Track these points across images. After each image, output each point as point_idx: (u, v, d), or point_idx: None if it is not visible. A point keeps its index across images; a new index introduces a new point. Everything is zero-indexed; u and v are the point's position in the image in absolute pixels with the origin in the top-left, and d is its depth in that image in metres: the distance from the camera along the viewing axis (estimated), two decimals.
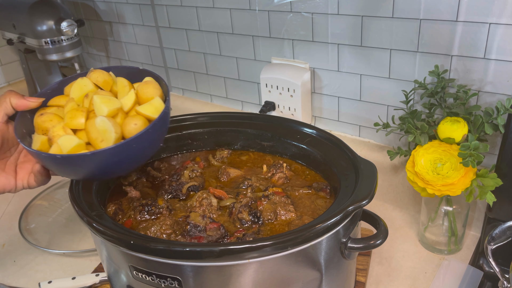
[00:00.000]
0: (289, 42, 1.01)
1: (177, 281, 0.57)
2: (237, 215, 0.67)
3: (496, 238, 0.68)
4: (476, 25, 0.76)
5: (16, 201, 1.10)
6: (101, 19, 1.39)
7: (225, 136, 0.86)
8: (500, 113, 0.71)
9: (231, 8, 1.06)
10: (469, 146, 0.71)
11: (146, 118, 0.63)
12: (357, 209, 0.59)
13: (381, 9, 0.84)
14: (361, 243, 0.61)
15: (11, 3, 1.27)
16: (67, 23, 1.19)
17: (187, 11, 1.15)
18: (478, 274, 0.78)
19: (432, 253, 0.86)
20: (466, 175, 0.73)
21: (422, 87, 0.82)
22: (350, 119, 1.01)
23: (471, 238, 0.89)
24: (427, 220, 0.85)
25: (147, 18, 1.26)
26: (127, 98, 0.65)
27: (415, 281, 0.81)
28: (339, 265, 0.64)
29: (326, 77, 0.99)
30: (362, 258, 0.83)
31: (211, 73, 1.21)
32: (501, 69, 0.77)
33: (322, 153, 0.75)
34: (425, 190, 0.76)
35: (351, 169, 0.69)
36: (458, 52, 0.80)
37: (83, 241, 0.95)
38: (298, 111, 1.03)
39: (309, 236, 0.56)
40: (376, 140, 0.99)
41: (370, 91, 0.94)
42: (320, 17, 0.93)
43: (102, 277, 0.82)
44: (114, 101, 0.63)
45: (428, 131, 0.77)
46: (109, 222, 0.62)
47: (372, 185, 0.62)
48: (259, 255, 0.54)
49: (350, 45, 0.92)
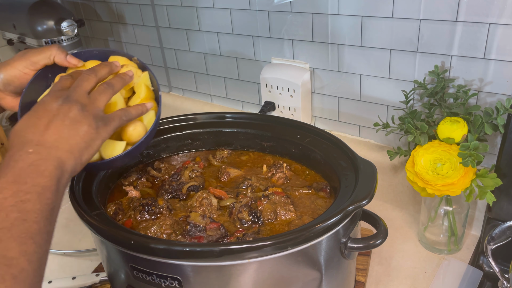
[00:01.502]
0: (289, 42, 1.01)
1: (177, 281, 0.57)
2: (237, 215, 0.67)
3: (496, 238, 0.68)
4: (476, 25, 0.76)
5: None
6: (101, 19, 1.39)
7: (225, 136, 0.86)
8: (500, 113, 0.71)
9: (231, 8, 1.06)
10: (469, 146, 0.71)
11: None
12: (357, 209, 0.59)
13: (381, 9, 0.84)
14: (361, 243, 0.61)
15: (11, 3, 1.27)
16: (67, 23, 1.19)
17: (187, 11, 1.15)
18: (478, 274, 0.78)
19: (432, 253, 0.86)
20: (466, 175, 0.73)
21: (422, 87, 0.82)
22: (350, 119, 1.01)
23: (471, 238, 0.89)
24: (427, 220, 0.85)
25: (147, 18, 1.26)
26: None
27: (415, 281, 0.81)
28: (339, 265, 0.64)
29: (326, 77, 1.00)
30: (362, 258, 0.83)
31: (211, 73, 1.21)
32: (501, 69, 0.77)
33: (322, 153, 0.76)
34: (425, 190, 0.76)
35: (351, 169, 0.69)
36: (458, 52, 0.80)
37: (83, 241, 0.95)
38: (298, 111, 1.03)
39: (309, 236, 0.56)
40: (376, 140, 0.99)
41: (370, 91, 0.94)
42: (320, 17, 0.93)
43: (102, 277, 0.82)
44: None
45: (428, 131, 0.77)
46: (109, 222, 0.62)
47: (372, 185, 0.62)
48: (259, 255, 0.55)
49: (350, 45, 0.92)
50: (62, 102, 0.56)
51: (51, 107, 0.55)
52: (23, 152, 0.51)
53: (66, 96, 0.57)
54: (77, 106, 0.56)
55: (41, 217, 0.47)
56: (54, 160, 0.51)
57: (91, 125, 0.56)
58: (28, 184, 0.48)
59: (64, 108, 0.55)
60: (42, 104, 0.57)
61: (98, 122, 0.57)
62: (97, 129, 0.56)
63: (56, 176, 0.51)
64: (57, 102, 0.56)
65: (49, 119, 0.54)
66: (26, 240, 0.45)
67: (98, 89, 0.60)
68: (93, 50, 0.72)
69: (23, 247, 0.44)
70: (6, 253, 0.43)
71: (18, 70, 0.68)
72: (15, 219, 0.45)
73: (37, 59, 0.68)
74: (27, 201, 0.47)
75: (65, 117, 0.55)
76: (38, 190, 0.48)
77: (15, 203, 0.46)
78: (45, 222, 0.47)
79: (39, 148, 0.52)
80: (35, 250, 0.45)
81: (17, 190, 0.47)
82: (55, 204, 0.50)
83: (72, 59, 0.69)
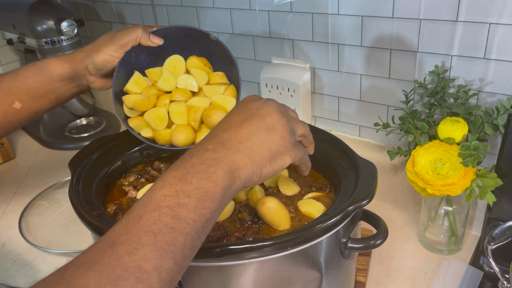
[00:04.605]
0: (289, 42, 1.01)
1: None
2: (237, 215, 0.67)
3: (496, 238, 0.68)
4: (476, 25, 0.76)
5: (16, 201, 1.10)
6: (101, 19, 1.39)
7: None
8: (500, 113, 0.71)
9: (231, 8, 1.06)
10: (469, 146, 0.71)
11: None
12: (357, 209, 0.59)
13: (381, 9, 0.84)
14: (361, 243, 0.61)
15: (11, 3, 1.27)
16: (67, 23, 1.19)
17: (187, 11, 1.15)
18: (478, 274, 0.78)
19: (432, 253, 0.86)
20: (466, 175, 0.73)
21: (422, 87, 0.82)
22: (350, 119, 1.01)
23: (471, 238, 0.89)
24: (427, 220, 0.85)
25: (147, 18, 1.26)
26: None
27: (415, 281, 0.81)
28: (339, 265, 0.64)
29: (326, 77, 0.99)
30: (362, 258, 0.83)
31: None
32: (501, 69, 0.77)
33: (322, 153, 0.75)
34: (425, 190, 0.76)
35: (351, 169, 0.69)
36: (458, 52, 0.80)
37: (83, 241, 0.95)
38: (298, 111, 1.03)
39: (309, 236, 0.56)
40: (376, 140, 0.99)
41: (370, 91, 0.94)
42: (320, 17, 0.93)
43: None
44: None
45: (428, 131, 0.77)
46: (109, 222, 0.62)
47: (372, 185, 0.62)
48: (259, 255, 0.54)
49: (350, 45, 0.92)
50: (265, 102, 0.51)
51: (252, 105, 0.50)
52: (202, 147, 0.46)
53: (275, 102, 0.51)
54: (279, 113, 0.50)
55: (191, 229, 0.41)
56: (228, 163, 0.45)
57: (284, 137, 0.49)
58: (192, 186, 0.42)
59: (265, 109, 0.50)
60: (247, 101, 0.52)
61: (292, 138, 0.50)
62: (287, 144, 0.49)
63: (224, 183, 0.44)
64: (260, 101, 0.51)
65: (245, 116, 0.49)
66: (167, 254, 0.39)
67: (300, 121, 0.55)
68: (171, 27, 0.75)
69: (160, 262, 0.39)
70: (142, 264, 0.38)
71: (108, 55, 0.71)
72: (165, 225, 0.40)
73: (125, 42, 0.71)
74: (183, 206, 0.41)
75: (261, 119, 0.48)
76: (199, 196, 0.42)
77: (171, 205, 0.41)
78: (193, 236, 0.41)
79: (218, 146, 0.46)
80: (171, 268, 0.39)
81: (180, 190, 0.42)
82: (212, 216, 0.43)
83: (155, 39, 0.72)
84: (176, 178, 0.43)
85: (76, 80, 0.75)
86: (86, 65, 0.73)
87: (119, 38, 0.71)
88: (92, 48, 0.73)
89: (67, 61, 0.74)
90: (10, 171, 1.24)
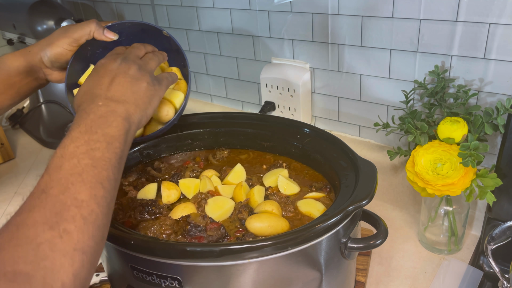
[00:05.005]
0: (289, 42, 1.01)
1: (177, 281, 0.57)
2: (237, 215, 0.67)
3: (496, 238, 0.68)
4: (476, 25, 0.76)
5: (16, 201, 1.10)
6: (101, 19, 1.39)
7: (225, 136, 0.86)
8: (500, 113, 0.71)
9: (231, 8, 1.06)
10: (469, 146, 0.71)
11: None
12: (357, 209, 0.59)
13: (381, 9, 0.84)
14: (361, 243, 0.61)
15: (11, 3, 1.27)
16: (67, 23, 1.19)
17: (187, 11, 1.15)
18: (478, 274, 0.78)
19: (432, 253, 0.86)
20: (466, 175, 0.73)
21: (422, 87, 0.82)
22: (350, 119, 1.01)
23: (471, 238, 0.89)
24: (427, 220, 0.85)
25: (147, 18, 1.26)
26: None
27: (415, 281, 0.81)
28: (339, 265, 0.64)
29: (326, 77, 0.99)
30: (362, 258, 0.83)
31: (211, 73, 1.21)
32: (501, 69, 0.77)
33: (322, 153, 0.75)
34: (425, 190, 0.76)
35: (351, 169, 0.69)
36: (458, 52, 0.80)
37: None
38: (298, 111, 1.03)
39: (309, 236, 0.56)
40: (376, 140, 0.99)
41: (370, 91, 0.94)
42: (320, 17, 0.93)
43: (102, 277, 0.82)
44: None
45: (428, 131, 0.77)
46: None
47: (372, 185, 0.62)
48: (259, 255, 0.54)
49: (350, 45, 0.92)
50: (121, 62, 0.61)
51: (111, 67, 0.60)
52: (94, 105, 0.54)
53: (124, 58, 0.62)
54: (135, 65, 0.61)
55: (110, 165, 0.50)
56: (123, 112, 0.55)
57: (149, 82, 0.61)
58: (98, 134, 0.51)
59: (123, 67, 0.60)
60: (101, 65, 0.61)
61: (153, 81, 0.62)
62: (154, 87, 0.61)
63: (124, 127, 0.54)
64: (116, 62, 0.60)
65: (111, 77, 0.58)
66: (96, 185, 0.47)
67: (147, 55, 0.66)
68: (125, 22, 0.76)
69: (93, 191, 0.46)
70: (77, 195, 0.45)
71: (62, 48, 0.73)
72: (85, 165, 0.47)
73: (79, 36, 0.72)
74: (97, 150, 0.49)
75: (126, 75, 0.59)
76: (108, 140, 0.51)
77: (86, 151, 0.49)
78: (113, 170, 0.50)
79: (108, 102, 0.55)
80: (104, 195, 0.48)
81: (88, 139, 0.50)
82: (123, 154, 0.53)
83: (109, 33, 0.73)
84: (82, 133, 0.50)
85: (33, 74, 0.76)
86: (41, 58, 0.74)
87: (72, 31, 0.72)
88: (47, 42, 0.74)
89: (22, 55, 0.75)
90: (10, 171, 1.24)
